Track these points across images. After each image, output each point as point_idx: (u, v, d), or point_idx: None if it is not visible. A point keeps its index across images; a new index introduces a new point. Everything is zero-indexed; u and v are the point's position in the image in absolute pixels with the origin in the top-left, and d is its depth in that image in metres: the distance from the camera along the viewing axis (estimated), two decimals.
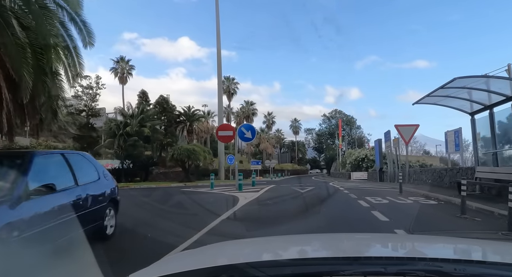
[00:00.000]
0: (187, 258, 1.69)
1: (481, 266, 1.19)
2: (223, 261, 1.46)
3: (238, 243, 2.18)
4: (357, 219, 7.67)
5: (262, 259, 1.44)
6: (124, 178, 33.93)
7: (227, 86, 76.09)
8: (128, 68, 65.33)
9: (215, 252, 1.74)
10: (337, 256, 1.47)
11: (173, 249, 4.57)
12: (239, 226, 7.04)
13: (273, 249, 1.70)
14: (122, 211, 6.42)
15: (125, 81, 65.42)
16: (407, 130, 19.99)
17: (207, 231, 6.19)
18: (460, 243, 1.94)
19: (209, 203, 11.06)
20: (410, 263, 1.20)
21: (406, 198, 11.30)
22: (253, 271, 1.12)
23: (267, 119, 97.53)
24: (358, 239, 2.15)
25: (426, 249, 1.70)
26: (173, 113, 66.48)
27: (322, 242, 1.93)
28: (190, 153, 28.55)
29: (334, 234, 3.32)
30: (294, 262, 1.31)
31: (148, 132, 33.67)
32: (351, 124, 68.84)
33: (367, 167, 41.03)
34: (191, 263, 1.40)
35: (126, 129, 32.49)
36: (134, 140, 32.35)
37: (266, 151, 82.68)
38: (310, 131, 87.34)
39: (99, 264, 3.17)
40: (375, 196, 12.09)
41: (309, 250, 1.79)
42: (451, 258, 1.34)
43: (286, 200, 12.24)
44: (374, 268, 1.13)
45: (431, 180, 16.48)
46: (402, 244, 1.92)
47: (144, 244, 5.38)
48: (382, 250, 1.72)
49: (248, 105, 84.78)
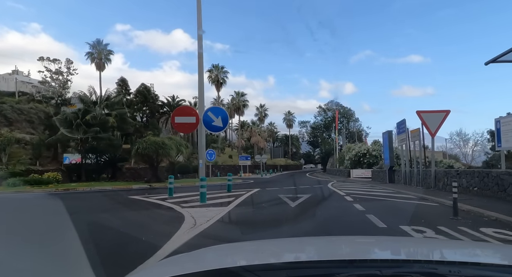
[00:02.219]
0: (181, 262, 1.65)
1: (475, 268, 1.20)
2: (218, 264, 1.40)
3: (233, 246, 2.16)
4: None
5: (256, 263, 1.38)
6: (87, 175, 28.71)
7: (216, 75, 70.50)
8: (106, 53, 59.43)
9: (210, 255, 1.75)
10: (332, 259, 1.44)
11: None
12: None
13: (268, 253, 1.67)
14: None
15: (102, 67, 59.48)
16: (434, 118, 14.99)
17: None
18: (454, 245, 1.91)
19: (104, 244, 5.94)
20: (405, 266, 1.20)
21: (476, 231, 6.27)
22: (247, 274, 1.13)
23: (259, 112, 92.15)
24: (353, 241, 2.11)
25: (421, 251, 1.70)
26: (155, 103, 61.00)
27: (317, 245, 1.91)
28: (158, 147, 23.34)
29: (329, 237, 3.34)
30: (289, 265, 1.28)
31: (113, 121, 28.34)
32: (349, 116, 63.73)
33: (369, 164, 36.10)
34: (185, 267, 1.38)
35: (86, 118, 27.12)
36: (96, 131, 27.03)
37: (258, 145, 77.61)
38: (304, 124, 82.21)
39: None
40: (415, 222, 7.06)
41: (304, 253, 1.73)
42: (446, 260, 1.35)
43: (261, 229, 7.10)
44: (369, 270, 1.15)
45: (478, 187, 11.51)
46: (397, 247, 1.87)
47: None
48: (377, 253, 1.69)
49: (239, 96, 79.29)
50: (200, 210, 9.45)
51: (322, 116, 69.74)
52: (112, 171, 30.72)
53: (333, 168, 49.34)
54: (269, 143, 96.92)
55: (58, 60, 50.65)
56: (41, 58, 48.66)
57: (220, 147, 71.54)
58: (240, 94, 79.79)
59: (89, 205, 12.03)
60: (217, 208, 9.85)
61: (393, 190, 15.65)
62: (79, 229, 5.64)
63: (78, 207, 10.99)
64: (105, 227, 7.23)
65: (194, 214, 8.54)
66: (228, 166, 58.30)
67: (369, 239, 2.47)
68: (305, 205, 10.58)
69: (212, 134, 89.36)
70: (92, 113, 27.74)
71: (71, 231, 5.45)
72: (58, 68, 49.70)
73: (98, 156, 30.62)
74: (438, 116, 14.93)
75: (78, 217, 8.19)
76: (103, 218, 8.58)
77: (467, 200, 9.97)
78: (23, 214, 9.31)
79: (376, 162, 36.07)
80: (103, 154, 29.86)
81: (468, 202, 9.57)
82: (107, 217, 8.76)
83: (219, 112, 12.55)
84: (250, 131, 78.27)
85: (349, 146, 40.83)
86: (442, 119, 14.88)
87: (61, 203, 11.13)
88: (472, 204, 9.22)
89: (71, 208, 9.70)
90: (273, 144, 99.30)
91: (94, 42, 58.04)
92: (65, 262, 4.06)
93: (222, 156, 68.05)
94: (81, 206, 11.56)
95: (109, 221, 7.96)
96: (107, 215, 9.07)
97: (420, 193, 13.37)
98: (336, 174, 43.05)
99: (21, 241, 5.37)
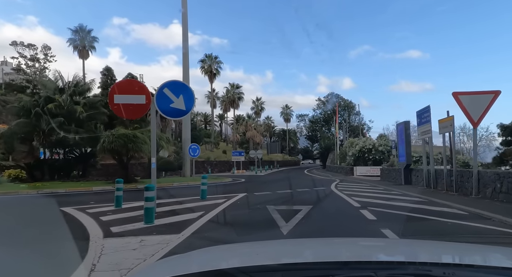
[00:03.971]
0: (176, 263, 1.61)
1: (470, 269, 1.21)
2: (213, 266, 1.38)
3: (228, 248, 2.13)
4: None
5: (251, 264, 1.35)
6: (52, 173, 24.81)
7: (209, 65, 66.32)
8: (90, 40, 55.12)
9: (205, 257, 1.71)
10: (327, 260, 1.42)
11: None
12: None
13: (263, 254, 1.64)
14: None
15: (86, 55, 55.21)
16: (477, 101, 11.18)
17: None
18: (449, 247, 1.98)
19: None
20: (400, 267, 1.20)
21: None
22: (242, 276, 1.12)
23: (255, 105, 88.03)
24: (349, 243, 2.11)
25: (416, 253, 1.68)
26: None
27: (312, 247, 1.90)
28: (128, 141, 19.43)
29: (325, 239, 3.33)
30: (284, 267, 1.28)
31: (82, 111, 24.30)
32: (350, 109, 59.75)
33: (375, 161, 32.35)
34: (180, 269, 1.36)
35: (48, 106, 23.09)
36: (60, 122, 23.03)
37: (254, 140, 73.75)
38: (302, 117, 78.10)
39: None
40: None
41: (299, 255, 1.71)
42: (440, 262, 1.34)
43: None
44: (364, 272, 1.14)
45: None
46: (392, 249, 1.87)
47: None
48: (372, 255, 1.66)
49: (234, 89, 75.26)
50: (130, 243, 5.60)
51: (322, 109, 65.71)
52: (83, 168, 26.79)
53: (334, 165, 45.52)
54: (266, 138, 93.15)
55: (33, 46, 46.39)
56: (13, 43, 44.38)
57: (213, 141, 67.68)
58: (235, 86, 75.77)
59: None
60: (161, 237, 6.00)
61: (421, 198, 11.81)
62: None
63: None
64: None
65: (106, 259, 4.70)
66: (222, 162, 54.51)
67: (364, 241, 2.39)
68: (304, 229, 6.73)
69: (206, 127, 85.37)
70: (56, 101, 23.72)
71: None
72: (33, 55, 45.56)
73: (68, 151, 26.71)
74: (484, 98, 11.09)
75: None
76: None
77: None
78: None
79: (382, 158, 32.30)
80: (73, 148, 25.94)
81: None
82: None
83: (181, 89, 8.58)
84: (246, 125, 74.32)
85: (352, 140, 37.01)
86: (489, 102, 11.04)
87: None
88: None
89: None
90: (270, 139, 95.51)
91: (77, 27, 53.68)
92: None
93: (216, 152, 64.20)
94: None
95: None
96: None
97: (464, 204, 9.54)
98: (338, 171, 39.24)
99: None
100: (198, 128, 75.13)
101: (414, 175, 17.60)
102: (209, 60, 66.50)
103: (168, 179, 22.14)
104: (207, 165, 50.35)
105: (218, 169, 52.09)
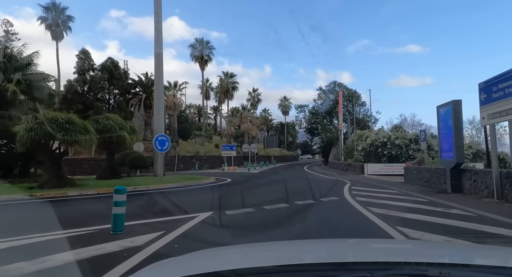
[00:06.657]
0: (171, 266, 1.59)
1: (465, 269, 1.19)
2: (208, 268, 1.36)
3: (224, 249, 2.11)
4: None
5: (247, 266, 1.33)
6: None
7: (200, 50, 60.32)
8: (64, 18, 48.89)
9: (200, 259, 1.70)
10: (323, 261, 1.42)
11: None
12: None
13: (259, 256, 1.65)
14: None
15: (60, 36, 49.05)
16: None
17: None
18: (445, 247, 2.01)
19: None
20: (396, 268, 1.19)
21: None
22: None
23: (251, 97, 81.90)
24: (344, 244, 2.08)
25: (412, 253, 1.68)
26: (124, 81, 50.76)
27: (308, 248, 1.90)
28: (60, 129, 13.71)
29: (320, 240, 3.35)
30: (280, 269, 1.27)
31: (14, 90, 18.56)
32: (354, 99, 53.93)
33: (390, 157, 26.73)
34: (176, 271, 1.35)
35: None
36: None
37: (249, 134, 68.06)
38: (302, 109, 72.16)
39: None
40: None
41: (295, 256, 1.69)
42: (436, 262, 1.32)
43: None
44: (360, 273, 1.13)
45: None
46: (388, 249, 1.86)
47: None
48: (368, 255, 1.65)
49: (227, 78, 69.05)
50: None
51: (323, 99, 59.85)
52: (25, 165, 21.09)
53: (337, 161, 39.85)
54: (263, 132, 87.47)
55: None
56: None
57: (205, 135, 61.87)
58: (229, 75, 69.62)
59: None
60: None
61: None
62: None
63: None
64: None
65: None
66: (212, 157, 48.88)
67: (360, 242, 2.40)
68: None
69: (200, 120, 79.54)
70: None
71: None
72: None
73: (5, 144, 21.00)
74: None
75: None
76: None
77: None
78: None
79: (400, 154, 26.70)
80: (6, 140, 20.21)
81: None
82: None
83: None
84: (240, 117, 68.56)
85: (361, 133, 31.36)
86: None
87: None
88: None
89: None
90: (267, 132, 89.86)
91: (48, 4, 47.39)
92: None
93: (207, 146, 58.47)
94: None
95: None
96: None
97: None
98: (343, 169, 33.60)
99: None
100: (190, 121, 69.32)
101: (468, 179, 11.99)
102: (200, 45, 60.55)
103: (122, 181, 16.44)
104: (196, 161, 44.68)
105: (208, 165, 46.45)
